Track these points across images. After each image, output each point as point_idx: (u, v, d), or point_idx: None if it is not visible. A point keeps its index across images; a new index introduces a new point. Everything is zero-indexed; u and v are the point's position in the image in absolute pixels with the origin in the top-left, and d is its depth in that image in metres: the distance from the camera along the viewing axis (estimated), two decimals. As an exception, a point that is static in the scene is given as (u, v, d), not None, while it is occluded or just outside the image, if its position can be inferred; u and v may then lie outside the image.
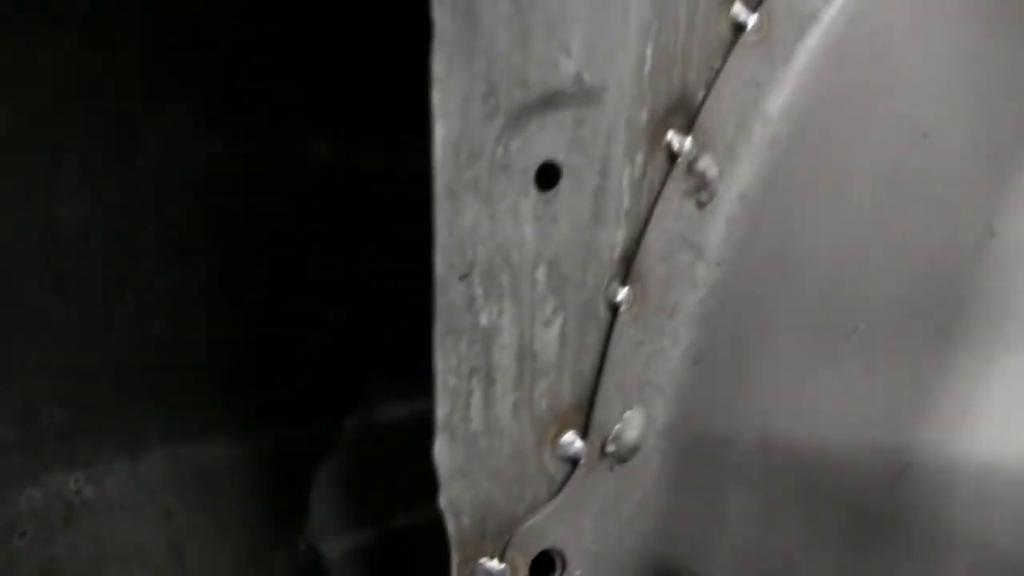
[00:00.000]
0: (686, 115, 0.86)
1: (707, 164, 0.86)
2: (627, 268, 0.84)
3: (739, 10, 0.87)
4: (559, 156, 0.74)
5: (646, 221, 0.85)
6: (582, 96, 0.73)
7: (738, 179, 0.88)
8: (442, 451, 0.73)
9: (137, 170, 0.87)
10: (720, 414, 0.83)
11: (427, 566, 0.79)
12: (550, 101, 0.71)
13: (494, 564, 0.78)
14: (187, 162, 0.90)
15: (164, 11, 0.86)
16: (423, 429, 0.76)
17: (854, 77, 0.88)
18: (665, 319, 0.86)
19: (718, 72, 0.88)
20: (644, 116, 0.81)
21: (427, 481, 0.77)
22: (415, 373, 0.98)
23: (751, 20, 0.88)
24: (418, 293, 0.79)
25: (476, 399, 0.75)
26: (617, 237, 0.82)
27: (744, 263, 0.86)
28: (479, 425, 0.75)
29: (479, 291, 0.72)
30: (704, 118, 0.87)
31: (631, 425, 0.84)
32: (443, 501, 0.75)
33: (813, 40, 0.90)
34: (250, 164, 0.97)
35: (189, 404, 0.96)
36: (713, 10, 0.85)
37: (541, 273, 0.76)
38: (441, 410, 0.72)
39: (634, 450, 0.84)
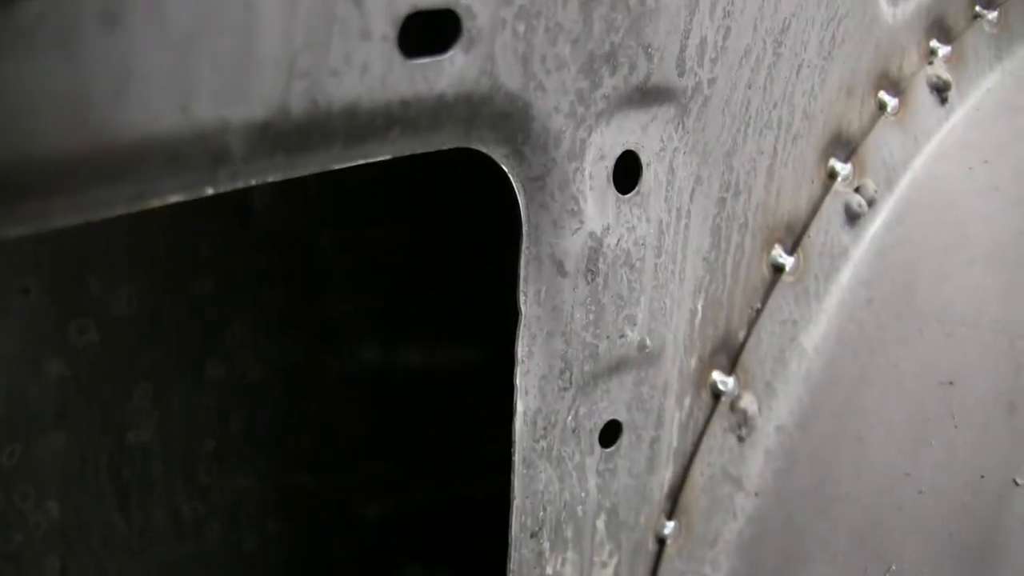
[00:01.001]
0: (729, 355, 0.94)
1: (748, 401, 0.93)
2: (673, 503, 0.90)
3: (778, 253, 0.96)
4: (622, 415, 0.80)
5: (692, 457, 0.91)
6: (644, 360, 0.80)
7: (776, 412, 0.95)
8: None
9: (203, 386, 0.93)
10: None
11: None
12: (616, 368, 0.78)
13: None
14: (244, 380, 0.96)
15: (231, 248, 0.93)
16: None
17: (882, 315, 0.96)
18: (707, 549, 0.92)
19: (759, 312, 0.96)
20: (693, 363, 0.89)
21: None
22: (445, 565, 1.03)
23: (789, 262, 0.96)
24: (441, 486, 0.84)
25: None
26: (666, 475, 0.88)
27: (781, 494, 0.93)
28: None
29: (546, 545, 0.77)
30: (746, 357, 0.94)
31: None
32: None
33: (844, 276, 0.99)
34: (301, 374, 1.03)
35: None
36: (756, 256, 0.93)
37: (601, 522, 0.82)
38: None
39: None
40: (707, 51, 0.76)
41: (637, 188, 0.75)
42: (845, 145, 1.01)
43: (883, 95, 1.04)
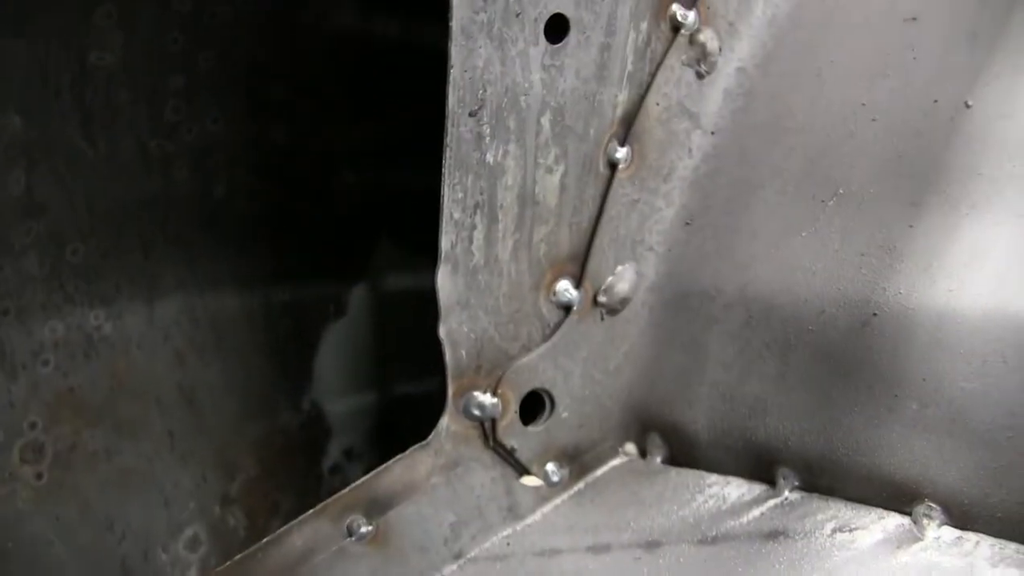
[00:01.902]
0: (694, -8, 0.94)
1: (708, 37, 0.94)
2: (627, 129, 0.92)
3: None
4: (568, 10, 0.81)
5: (648, 86, 0.93)
6: (594, -49, 0.81)
7: (737, 53, 0.96)
8: (444, 281, 0.82)
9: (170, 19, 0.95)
10: (706, 271, 0.92)
11: (423, 433, 0.88)
12: (564, -47, 0.79)
13: (487, 397, 0.88)
14: (213, 20, 0.98)
15: None
16: (426, 302, 0.85)
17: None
18: (660, 182, 0.94)
19: (725, -53, 0.95)
20: (647, -18, 0.89)
21: (428, 352, 0.86)
22: (420, 246, 1.07)
23: None
24: (425, 171, 0.86)
25: (478, 234, 0.83)
26: (619, 97, 0.90)
27: (737, 132, 0.94)
28: (480, 260, 0.84)
29: (487, 129, 0.80)
30: (706, -3, 0.94)
31: (623, 279, 0.93)
32: (442, 331, 0.84)
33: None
34: (273, 25, 1.04)
35: (206, 255, 1.05)
36: None
37: (546, 120, 0.84)
38: (445, 241, 0.81)
39: (624, 302, 0.93)
40: None
41: None
42: None
43: None
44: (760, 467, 0.86)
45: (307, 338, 1.13)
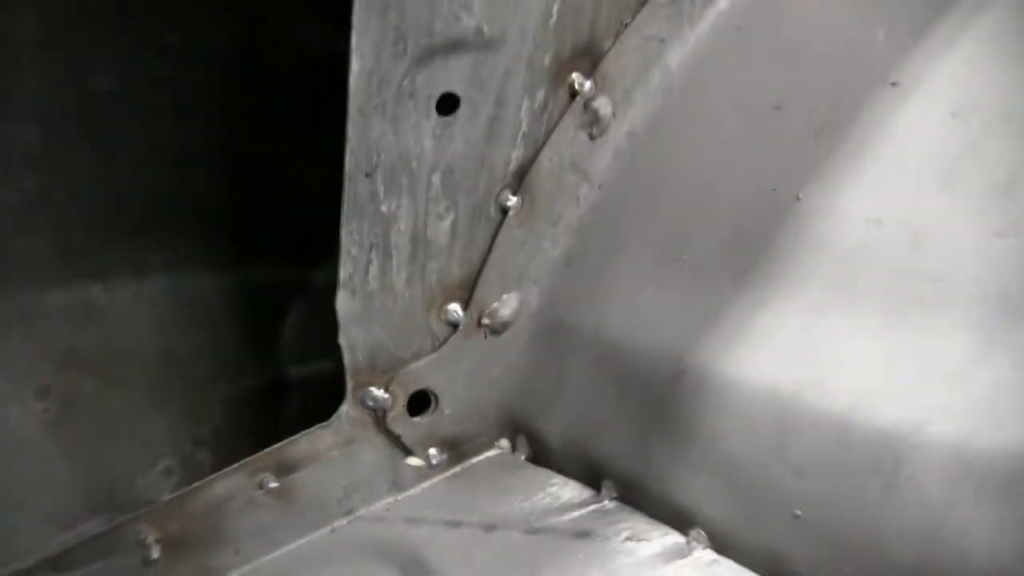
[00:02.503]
0: (592, 60, 1.10)
1: (602, 104, 1.11)
2: (520, 180, 1.11)
3: (654, -25, 1.10)
4: (458, 89, 1.00)
5: (543, 144, 1.11)
6: (481, 44, 0.98)
7: (630, 118, 1.12)
8: (343, 303, 1.03)
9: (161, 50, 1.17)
10: (574, 308, 1.11)
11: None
12: (452, 47, 0.97)
13: (380, 392, 1.10)
14: (201, 48, 1.20)
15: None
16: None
17: (743, 42, 1.10)
18: (549, 226, 1.13)
19: (626, 26, 1.11)
20: (547, 59, 1.06)
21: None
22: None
23: (664, -27, 1.10)
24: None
25: (374, 267, 1.04)
26: (513, 155, 1.09)
27: (620, 189, 1.12)
28: (375, 287, 1.05)
29: (380, 187, 1.00)
30: (606, 65, 1.10)
31: (506, 306, 1.13)
32: (342, 340, 1.06)
33: (723, 3, 1.12)
34: (249, 47, 1.25)
35: (188, 241, 1.29)
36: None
37: (436, 178, 1.03)
38: (343, 271, 1.02)
39: (506, 325, 1.13)
40: None
41: None
42: None
43: None
44: (592, 476, 1.07)
45: (274, 313, 1.36)
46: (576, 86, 1.09)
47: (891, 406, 0.83)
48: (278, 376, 1.43)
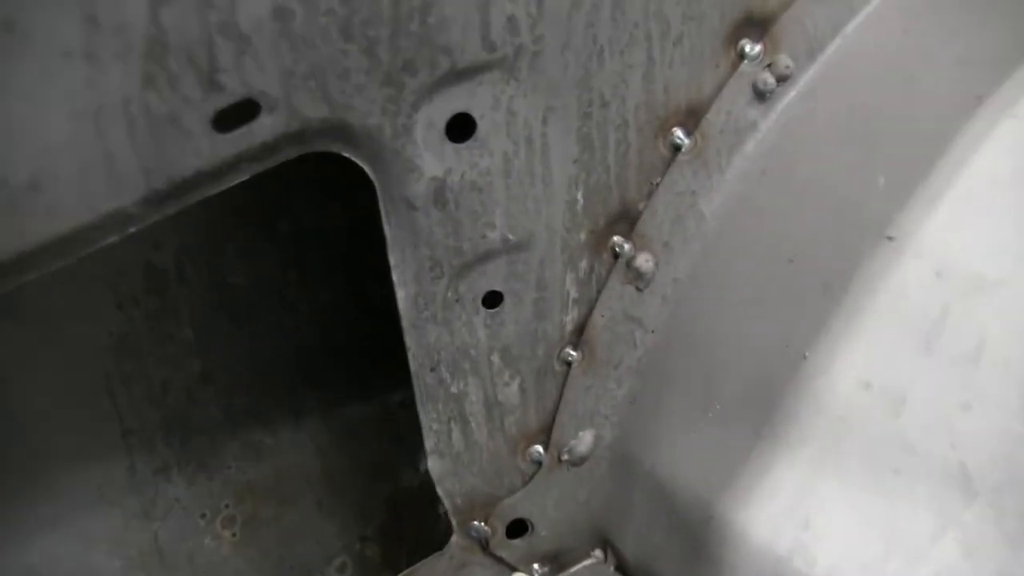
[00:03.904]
0: (629, 223, 1.27)
1: (643, 260, 1.27)
2: (579, 336, 1.31)
3: (677, 135, 1.24)
4: (499, 286, 1.21)
5: (596, 303, 1.30)
6: (511, 248, 1.19)
7: (673, 267, 1.28)
8: (434, 465, 1.30)
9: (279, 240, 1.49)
10: (638, 442, 1.30)
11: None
12: (484, 257, 1.18)
13: (481, 525, 1.36)
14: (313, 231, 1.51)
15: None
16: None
17: (767, 187, 1.22)
18: (611, 369, 1.32)
19: (657, 185, 1.27)
20: (583, 236, 1.25)
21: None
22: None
23: (686, 143, 1.24)
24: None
25: (456, 433, 1.29)
26: (566, 319, 1.29)
27: (669, 332, 1.29)
28: (460, 447, 1.30)
29: (447, 375, 1.24)
30: (642, 225, 1.27)
31: (582, 442, 1.34)
32: (440, 491, 1.32)
33: (749, 148, 1.25)
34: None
35: (334, 381, 1.61)
36: (648, 143, 1.23)
37: (496, 357, 1.26)
38: (428, 442, 1.28)
39: (583, 459, 1.35)
40: (520, 24, 1.06)
41: (474, 136, 1.11)
42: (758, 25, 1.22)
43: (804, -38, 1.21)
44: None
45: (416, 427, 1.67)
46: (617, 249, 1.27)
47: (857, 579, 0.98)
48: (428, 476, 1.73)
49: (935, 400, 0.99)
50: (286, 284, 1.52)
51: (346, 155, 1.05)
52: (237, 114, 0.95)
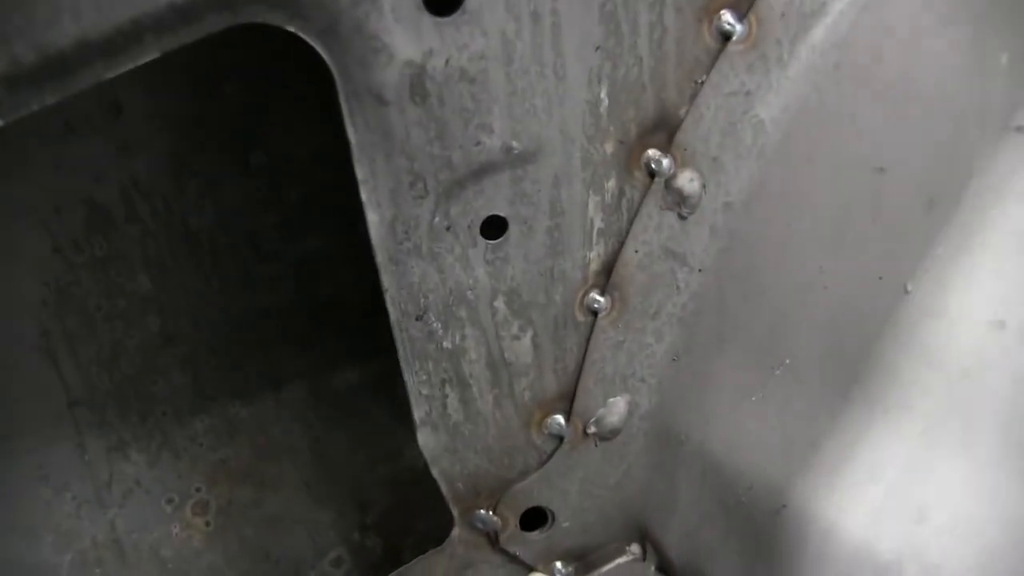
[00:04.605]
0: (668, 133, 1.01)
1: (686, 179, 1.01)
2: (607, 278, 1.05)
3: (726, 19, 0.98)
4: (502, 210, 0.96)
5: (627, 235, 1.04)
6: (514, 160, 0.94)
7: (725, 188, 1.02)
8: (425, 440, 1.05)
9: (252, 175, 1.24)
10: (682, 414, 1.04)
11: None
12: (480, 172, 0.93)
13: (488, 515, 1.11)
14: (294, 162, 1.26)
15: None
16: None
17: (843, 85, 0.95)
18: (648, 320, 1.07)
19: (702, 84, 1.01)
20: (609, 148, 0.99)
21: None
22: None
23: (737, 29, 0.98)
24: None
25: (452, 400, 1.04)
26: (591, 255, 1.03)
27: (720, 275, 1.03)
28: (459, 417, 1.05)
29: (437, 325, 0.99)
30: (683, 135, 1.01)
31: (613, 411, 1.09)
32: (435, 472, 1.08)
33: (817, 36, 0.98)
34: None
35: (322, 344, 1.37)
36: (689, 29, 0.97)
37: (500, 303, 1.01)
38: (418, 412, 1.03)
39: (615, 431, 1.09)
40: None
41: (462, 8, 0.86)
42: None
43: None
44: (713, 601, 1.02)
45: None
46: (653, 165, 1.01)
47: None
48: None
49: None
50: (261, 227, 1.28)
51: (291, 29, 0.80)
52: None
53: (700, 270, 1.04)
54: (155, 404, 1.28)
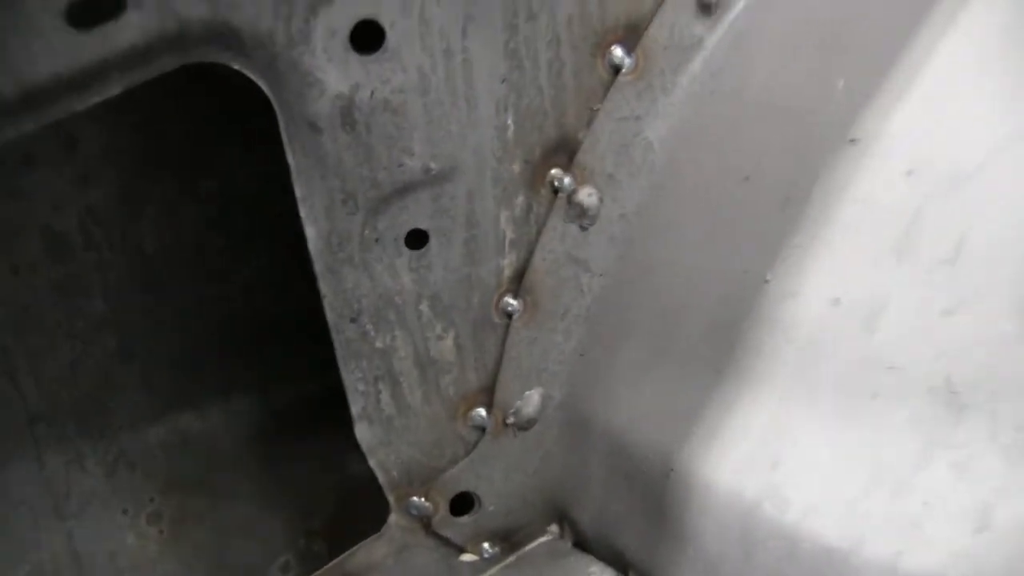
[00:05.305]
0: (568, 153, 1.17)
1: (585, 195, 1.17)
2: (519, 283, 1.20)
3: (617, 54, 1.15)
4: (424, 224, 1.11)
5: (536, 245, 1.19)
6: (433, 179, 1.09)
7: (620, 202, 1.18)
8: (362, 433, 1.18)
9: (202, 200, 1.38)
10: (590, 401, 1.18)
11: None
12: (404, 190, 1.08)
13: (421, 501, 1.24)
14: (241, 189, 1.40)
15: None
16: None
17: (719, 107, 1.12)
18: (558, 320, 1.21)
19: (597, 111, 1.17)
20: (516, 167, 1.14)
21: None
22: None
23: (626, 62, 1.15)
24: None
25: (385, 395, 1.17)
26: (503, 263, 1.18)
27: (620, 277, 1.18)
28: (392, 411, 1.18)
29: (369, 327, 1.13)
30: (582, 156, 1.17)
31: (529, 403, 1.23)
32: (372, 462, 1.21)
33: (696, 67, 1.15)
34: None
35: (269, 359, 1.50)
36: (584, 63, 1.14)
37: (425, 306, 1.15)
38: (355, 407, 1.16)
39: (532, 421, 1.23)
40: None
41: (383, 47, 1.01)
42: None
43: None
44: (621, 566, 1.16)
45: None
46: (556, 183, 1.17)
47: (835, 520, 0.87)
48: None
49: (913, 310, 0.88)
50: (211, 250, 1.41)
51: (236, 67, 0.95)
52: (97, 8, 0.85)
53: (601, 274, 1.19)
54: (113, 418, 1.39)
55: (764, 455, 0.95)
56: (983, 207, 0.87)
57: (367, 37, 0.99)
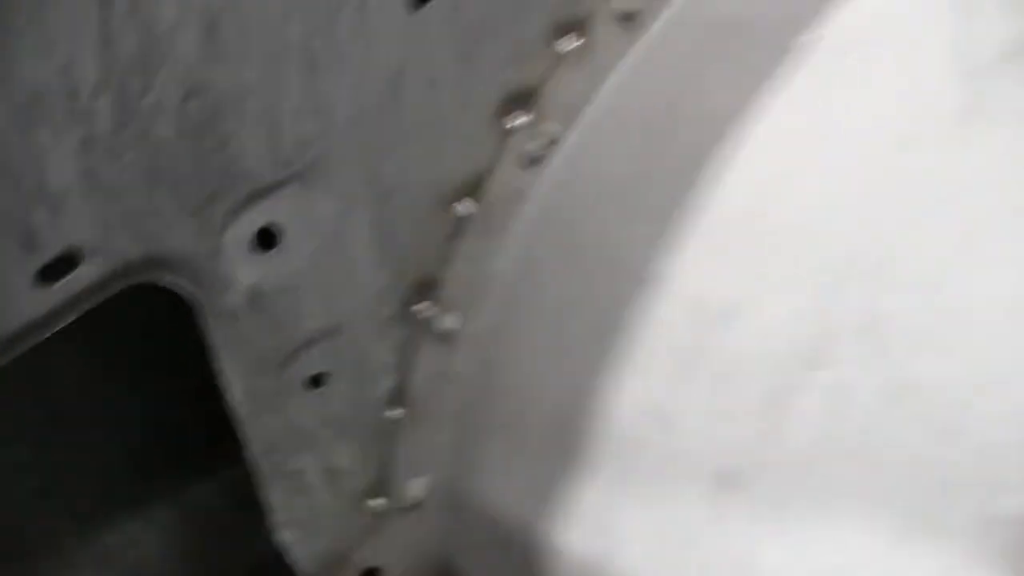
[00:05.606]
0: (434, 289, 1.44)
1: (449, 322, 1.45)
2: (403, 396, 1.47)
3: (463, 206, 1.41)
4: (322, 369, 1.36)
5: (410, 365, 1.47)
6: (329, 333, 1.34)
7: (477, 324, 1.46)
8: (284, 537, 1.43)
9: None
10: (467, 483, 1.49)
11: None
12: (306, 345, 1.33)
13: (336, 579, 1.51)
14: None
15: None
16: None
17: (545, 249, 1.42)
18: (433, 423, 1.50)
19: (454, 254, 1.44)
20: (392, 310, 1.41)
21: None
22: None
23: (472, 210, 1.42)
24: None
25: (300, 505, 1.43)
26: (388, 384, 1.45)
27: (482, 383, 1.48)
28: (306, 515, 1.44)
29: (286, 455, 1.38)
30: (444, 291, 1.44)
31: (415, 488, 1.52)
32: (291, 558, 1.46)
33: (526, 213, 1.44)
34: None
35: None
36: (439, 217, 1.40)
37: (328, 431, 1.41)
38: (277, 518, 1.42)
39: (419, 503, 1.53)
40: (310, 141, 1.21)
41: (282, 243, 1.24)
42: (524, 99, 1.40)
43: (561, 42, 1.39)
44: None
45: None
46: (425, 315, 1.44)
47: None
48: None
49: (697, 415, 1.22)
50: (111, 382, 1.60)
51: (168, 281, 1.16)
52: (60, 266, 1.06)
53: (466, 384, 1.48)
54: (38, 547, 1.58)
55: (600, 526, 1.28)
56: (742, 337, 1.21)
57: (268, 238, 1.23)
